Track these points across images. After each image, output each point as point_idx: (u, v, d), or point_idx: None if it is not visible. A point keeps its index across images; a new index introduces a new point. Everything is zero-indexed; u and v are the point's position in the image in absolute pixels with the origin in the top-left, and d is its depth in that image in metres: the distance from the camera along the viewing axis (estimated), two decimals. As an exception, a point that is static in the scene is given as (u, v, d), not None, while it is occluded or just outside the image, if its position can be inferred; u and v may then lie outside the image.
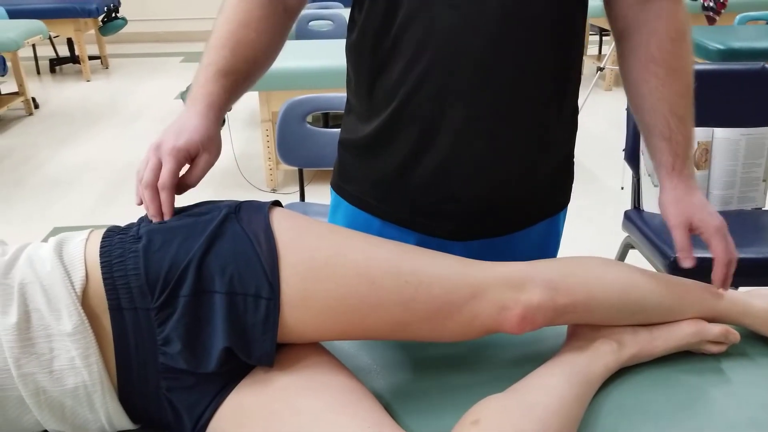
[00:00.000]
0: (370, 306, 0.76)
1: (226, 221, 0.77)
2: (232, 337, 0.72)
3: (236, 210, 0.80)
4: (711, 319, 0.88)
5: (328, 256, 0.77)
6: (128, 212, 2.87)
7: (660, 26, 0.92)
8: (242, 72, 0.93)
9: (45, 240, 0.79)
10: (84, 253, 0.75)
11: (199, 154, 0.86)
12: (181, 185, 0.84)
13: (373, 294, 0.76)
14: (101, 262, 0.74)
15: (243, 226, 0.77)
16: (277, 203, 0.86)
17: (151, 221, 0.80)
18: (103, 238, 0.77)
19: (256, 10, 0.94)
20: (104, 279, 0.73)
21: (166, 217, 0.79)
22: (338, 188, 1.07)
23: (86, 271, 0.73)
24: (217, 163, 0.89)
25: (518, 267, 0.83)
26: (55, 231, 2.85)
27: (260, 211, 0.80)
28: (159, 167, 0.81)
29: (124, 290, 0.72)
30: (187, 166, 0.85)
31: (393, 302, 0.77)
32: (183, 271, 0.72)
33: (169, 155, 0.81)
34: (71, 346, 0.70)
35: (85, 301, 0.72)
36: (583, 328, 0.86)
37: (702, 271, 1.57)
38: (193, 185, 0.86)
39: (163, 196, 0.80)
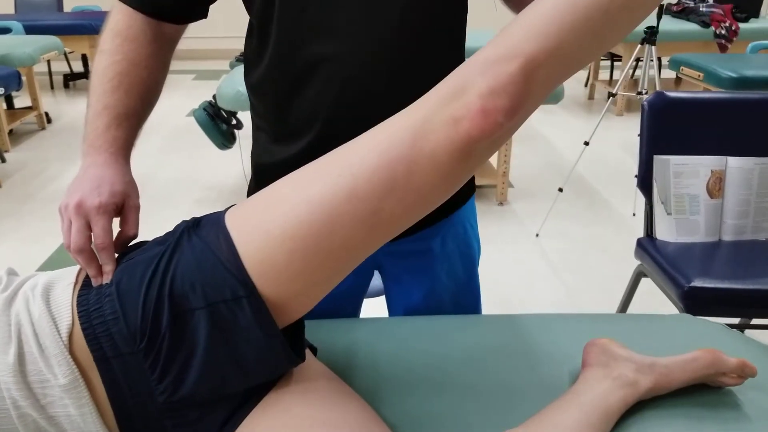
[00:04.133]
0: (323, 221, 0.69)
1: (182, 238, 0.74)
2: (230, 346, 0.70)
3: (194, 224, 0.77)
4: None
5: (264, 208, 0.73)
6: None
7: None
8: (139, 113, 0.91)
9: (53, 258, 0.78)
10: (71, 299, 0.73)
11: (126, 203, 0.84)
12: (123, 239, 0.82)
13: (315, 209, 0.69)
14: (79, 312, 0.71)
15: (201, 237, 0.74)
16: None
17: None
18: (82, 285, 0.75)
19: (143, 48, 0.92)
20: (84, 330, 0.70)
21: (108, 278, 0.75)
22: None
23: (73, 318, 0.71)
24: (226, 182, 0.89)
25: (444, 81, 0.71)
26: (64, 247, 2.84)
27: (217, 217, 0.77)
28: (86, 228, 0.78)
29: (106, 338, 0.70)
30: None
31: (339, 201, 0.69)
32: (157, 302, 0.69)
33: (97, 214, 0.79)
34: (64, 396, 0.69)
35: (73, 350, 0.70)
36: (598, 356, 0.85)
37: (717, 300, 1.55)
38: (136, 235, 0.84)
39: (105, 256, 0.77)
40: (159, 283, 0.70)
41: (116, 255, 0.79)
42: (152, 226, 0.80)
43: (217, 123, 2.99)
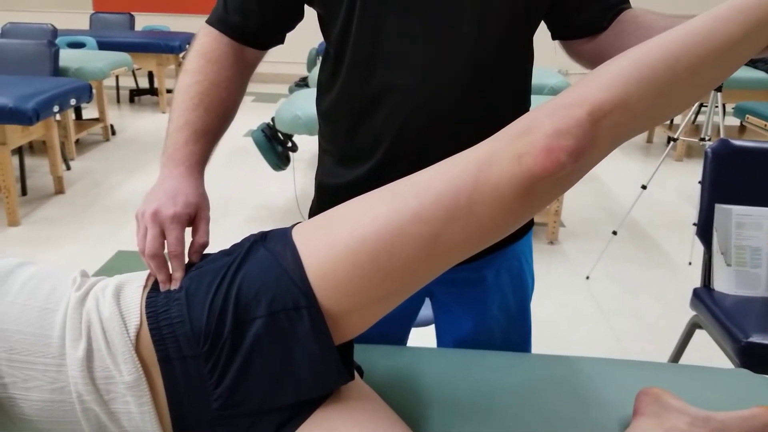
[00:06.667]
0: (386, 240, 0.71)
1: (252, 249, 0.78)
2: (286, 355, 0.71)
3: (262, 237, 0.80)
4: None
5: (329, 225, 0.76)
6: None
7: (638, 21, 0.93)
8: (216, 131, 0.96)
9: (108, 265, 0.81)
10: (141, 300, 0.76)
11: (198, 214, 0.87)
12: (196, 248, 0.85)
13: (379, 227, 0.72)
14: (147, 313, 0.74)
15: (268, 248, 0.77)
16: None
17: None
18: (151, 288, 0.78)
19: (225, 70, 0.97)
20: (151, 331, 0.73)
21: (176, 284, 0.78)
22: None
23: (141, 319, 0.74)
24: (278, 202, 0.91)
25: (514, 122, 0.74)
26: (119, 254, 2.93)
27: (284, 231, 0.80)
28: (160, 236, 0.82)
29: (171, 340, 0.72)
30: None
31: (403, 222, 0.71)
32: (222, 309, 0.72)
33: (171, 223, 0.82)
34: (127, 393, 0.71)
35: (139, 349, 0.73)
36: (651, 406, 0.82)
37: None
38: (207, 244, 0.87)
39: (176, 264, 0.81)
40: (225, 291, 0.73)
41: (186, 263, 0.82)
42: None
43: (274, 145, 3.04)
